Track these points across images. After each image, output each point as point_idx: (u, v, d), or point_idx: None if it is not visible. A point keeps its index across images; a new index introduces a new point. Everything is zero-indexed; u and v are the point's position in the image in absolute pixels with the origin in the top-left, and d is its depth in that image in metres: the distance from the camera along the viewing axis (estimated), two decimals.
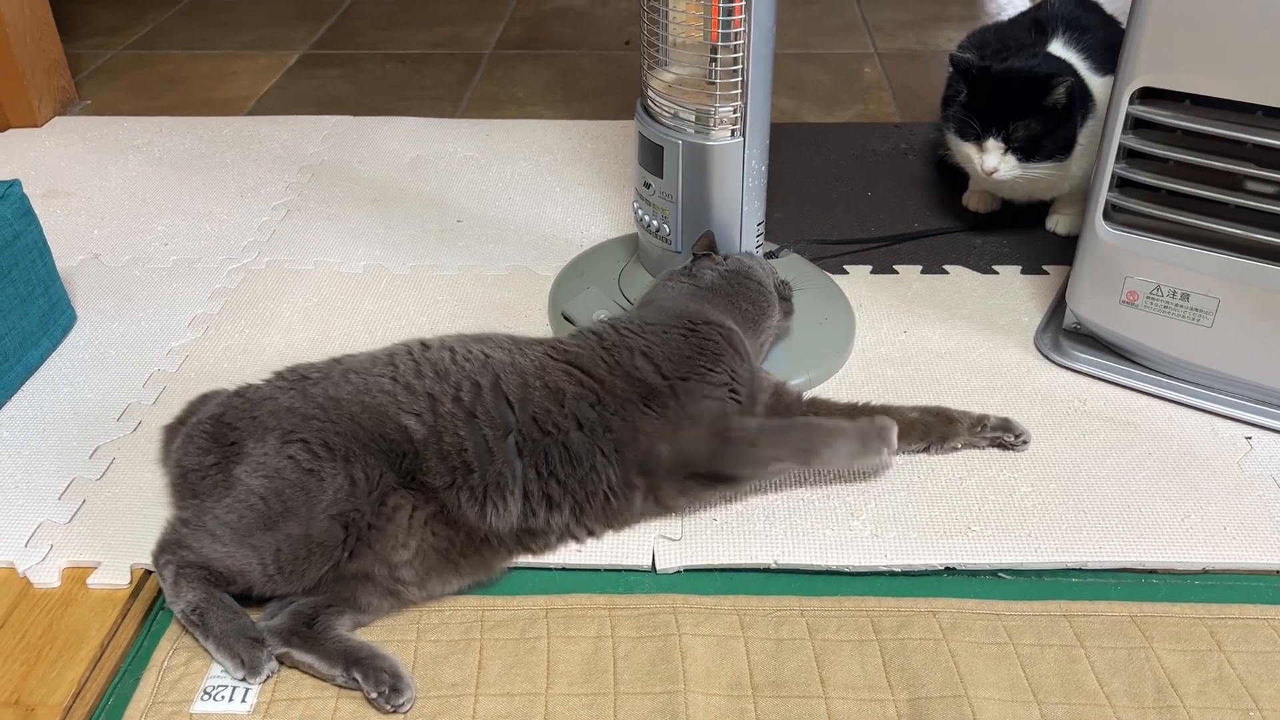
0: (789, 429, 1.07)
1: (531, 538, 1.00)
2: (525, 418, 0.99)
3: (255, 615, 0.94)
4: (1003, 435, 1.14)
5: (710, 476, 1.02)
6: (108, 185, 1.73)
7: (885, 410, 1.14)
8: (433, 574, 0.96)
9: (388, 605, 0.96)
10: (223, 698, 0.90)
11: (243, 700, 0.89)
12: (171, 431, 1.08)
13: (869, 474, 1.11)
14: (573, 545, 1.03)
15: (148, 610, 0.99)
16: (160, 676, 0.92)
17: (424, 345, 1.05)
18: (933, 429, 1.13)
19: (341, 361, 1.04)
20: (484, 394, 0.99)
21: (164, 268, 1.51)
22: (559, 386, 1.01)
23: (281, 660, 0.92)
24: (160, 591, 1.00)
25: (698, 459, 1.01)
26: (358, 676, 0.89)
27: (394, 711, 0.88)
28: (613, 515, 1.03)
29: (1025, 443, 1.14)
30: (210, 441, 0.98)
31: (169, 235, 1.59)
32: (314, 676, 0.91)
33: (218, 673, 0.92)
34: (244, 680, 0.90)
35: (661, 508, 1.05)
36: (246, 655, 0.90)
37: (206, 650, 0.92)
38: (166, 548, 0.94)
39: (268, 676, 0.91)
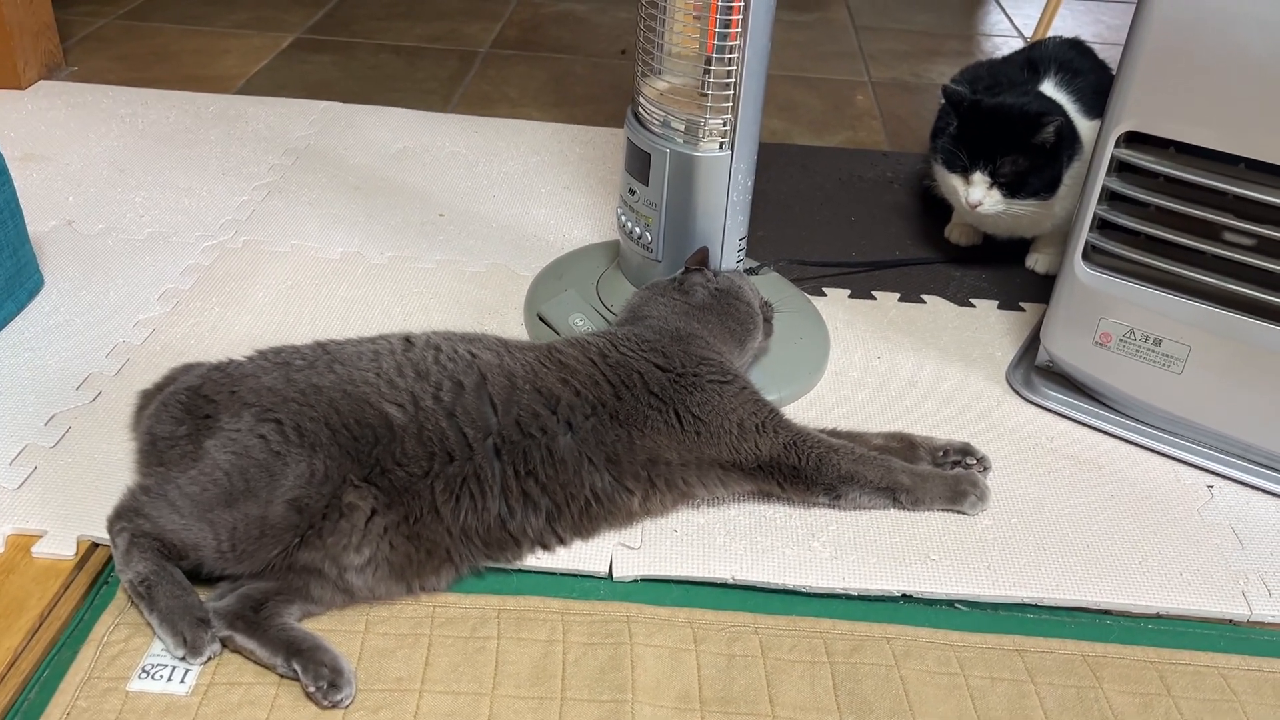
0: (871, 460, 1.08)
1: (501, 548, 0.99)
2: (508, 421, 0.98)
3: (205, 595, 0.93)
4: (963, 459, 1.14)
5: (784, 475, 1.05)
6: (87, 153, 1.71)
7: (853, 436, 1.14)
8: (382, 584, 0.95)
9: (340, 600, 0.94)
10: (161, 677, 0.88)
11: (181, 681, 0.88)
12: (147, 397, 1.07)
13: None
14: (540, 552, 1.02)
15: (91, 583, 0.97)
16: (99, 651, 0.90)
17: (408, 343, 1.04)
18: (895, 454, 1.13)
19: (328, 350, 1.02)
20: (465, 394, 0.98)
21: (138, 239, 1.49)
22: (553, 392, 1.01)
23: (225, 643, 0.90)
24: (105, 565, 0.98)
25: (769, 457, 1.04)
26: (297, 668, 0.87)
27: (331, 707, 0.86)
28: (591, 521, 1.02)
29: (986, 467, 1.14)
30: (184, 412, 0.97)
31: (145, 207, 1.57)
32: (255, 663, 0.90)
33: (158, 651, 0.90)
34: (184, 660, 0.88)
35: (679, 495, 1.05)
36: (189, 634, 0.88)
37: (150, 625, 0.90)
38: (123, 514, 0.92)
39: (209, 658, 0.89)
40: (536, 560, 1.01)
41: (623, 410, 1.02)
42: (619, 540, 1.04)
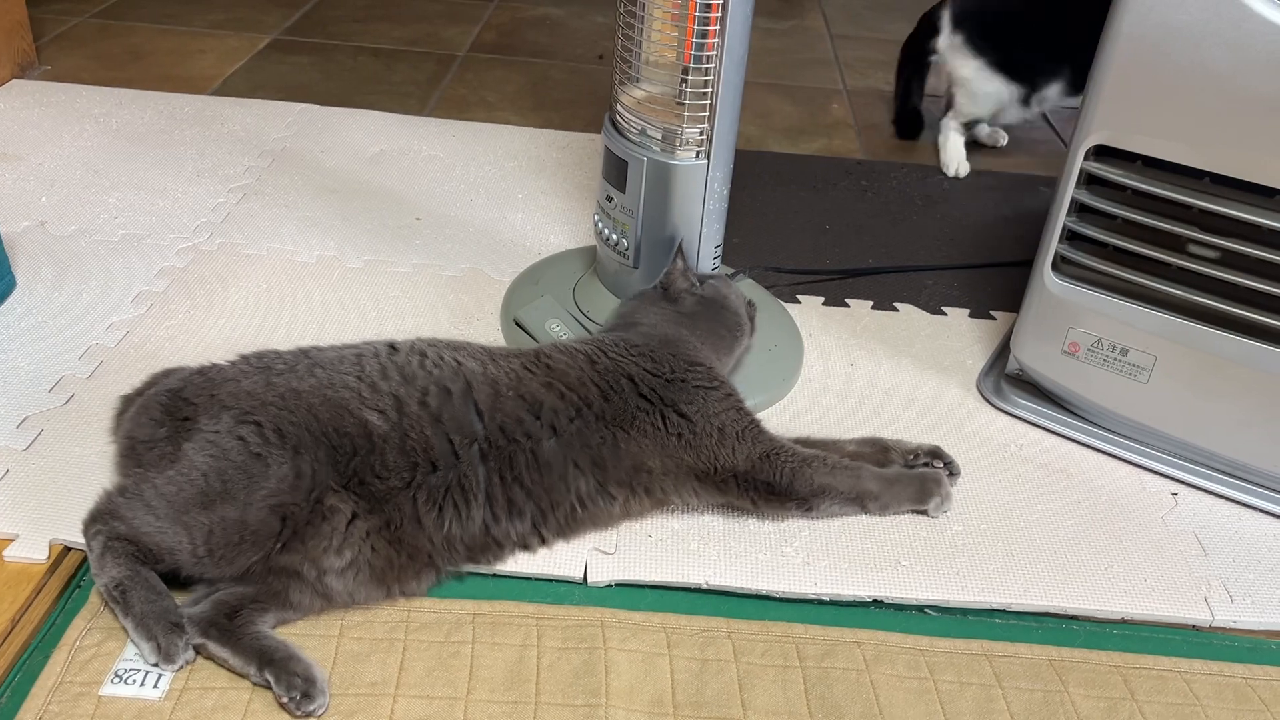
0: (842, 468, 1.09)
1: (484, 550, 1.00)
2: (493, 426, 0.99)
3: (181, 599, 0.92)
4: (931, 461, 1.15)
5: (758, 488, 1.05)
6: (61, 153, 1.70)
7: (825, 444, 1.15)
8: (362, 589, 0.95)
9: (318, 605, 0.94)
10: (134, 681, 0.88)
11: (154, 686, 0.87)
12: (127, 401, 1.06)
13: None
14: (520, 554, 1.02)
15: (64, 587, 0.97)
16: (71, 656, 0.90)
17: (392, 349, 1.04)
18: (868, 459, 1.14)
19: (309, 354, 1.03)
20: (453, 400, 0.99)
21: (112, 241, 1.48)
22: (536, 398, 1.01)
23: (198, 650, 0.90)
24: (78, 569, 0.98)
25: (744, 467, 1.04)
26: (270, 678, 0.87)
27: (304, 717, 0.86)
28: (575, 524, 1.02)
29: (954, 472, 1.16)
30: (164, 414, 0.97)
31: (120, 208, 1.56)
32: (229, 670, 0.89)
33: (130, 656, 0.89)
34: (158, 666, 0.88)
35: (656, 502, 1.06)
36: (163, 640, 0.88)
37: (124, 629, 0.90)
38: (98, 518, 0.92)
39: (183, 665, 0.89)
40: (514, 564, 1.02)
41: (610, 411, 1.03)
42: (594, 545, 1.05)
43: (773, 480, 1.05)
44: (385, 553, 0.94)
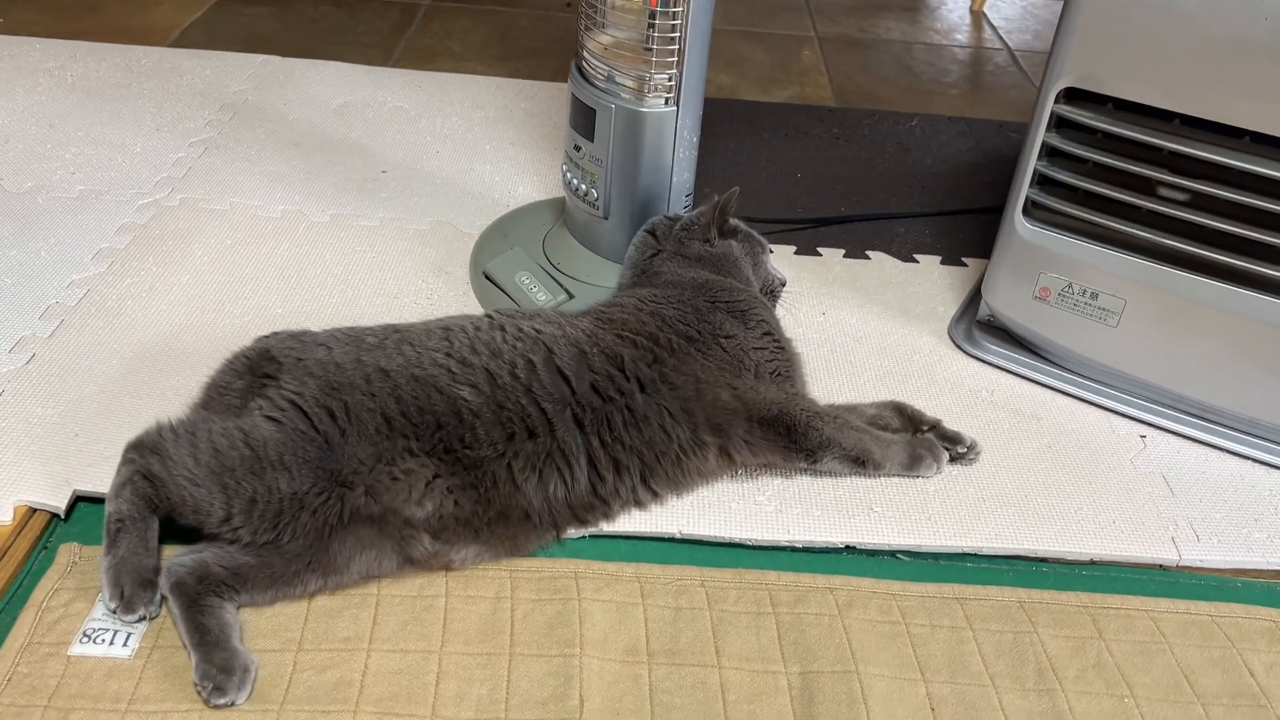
0: (850, 426, 1.09)
1: (590, 510, 1.00)
2: (583, 388, 0.99)
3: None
4: (954, 447, 1.13)
5: (779, 434, 1.05)
6: (14, 108, 1.65)
7: (847, 409, 1.15)
8: (452, 546, 0.95)
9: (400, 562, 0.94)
10: (103, 641, 0.87)
11: (124, 645, 0.87)
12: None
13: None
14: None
15: (30, 548, 0.95)
16: (39, 617, 0.89)
17: (475, 325, 1.04)
18: (886, 422, 1.15)
19: (398, 329, 1.03)
20: (538, 370, 0.99)
21: (69, 197, 1.45)
22: (616, 351, 1.03)
23: (164, 601, 0.89)
24: (44, 530, 0.97)
25: (767, 409, 1.04)
26: (193, 661, 0.85)
27: (213, 708, 0.84)
28: (683, 475, 1.03)
29: (976, 454, 1.14)
30: (247, 368, 0.98)
31: (77, 164, 1.52)
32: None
33: (99, 615, 0.89)
34: (115, 613, 0.87)
35: (731, 463, 1.06)
36: (128, 589, 0.87)
37: (100, 566, 0.89)
38: (139, 448, 0.91)
39: (141, 619, 0.88)
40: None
41: (673, 345, 1.05)
42: None
43: (793, 425, 1.05)
44: (470, 507, 0.94)
